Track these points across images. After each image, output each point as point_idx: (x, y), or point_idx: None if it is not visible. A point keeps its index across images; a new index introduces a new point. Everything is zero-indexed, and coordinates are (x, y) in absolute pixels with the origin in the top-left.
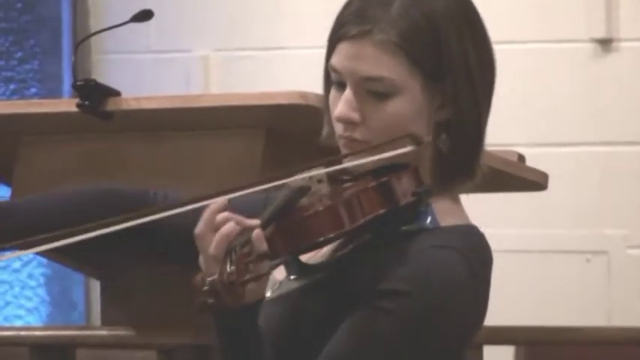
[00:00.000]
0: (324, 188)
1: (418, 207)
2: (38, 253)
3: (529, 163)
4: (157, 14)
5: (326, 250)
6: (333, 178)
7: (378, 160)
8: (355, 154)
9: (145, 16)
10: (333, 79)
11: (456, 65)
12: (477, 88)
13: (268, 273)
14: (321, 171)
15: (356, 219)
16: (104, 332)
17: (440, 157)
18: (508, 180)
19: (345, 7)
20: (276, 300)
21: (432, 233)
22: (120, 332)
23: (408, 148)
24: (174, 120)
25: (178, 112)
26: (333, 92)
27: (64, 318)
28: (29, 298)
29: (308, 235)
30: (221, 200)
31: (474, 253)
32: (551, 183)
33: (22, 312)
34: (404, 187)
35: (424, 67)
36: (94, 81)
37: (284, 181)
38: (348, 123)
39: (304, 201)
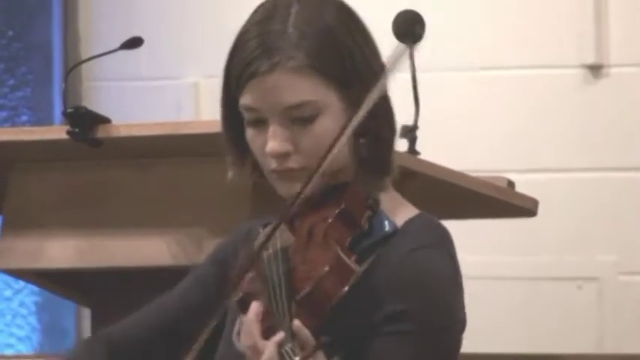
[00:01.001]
0: (289, 236)
1: (372, 218)
2: (30, 281)
3: (519, 189)
4: (147, 41)
5: None
6: (290, 224)
7: (319, 183)
8: (299, 190)
9: (134, 43)
10: (247, 119)
11: (359, 68)
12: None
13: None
14: (278, 230)
15: (350, 264)
16: None
17: (362, 161)
18: (498, 206)
19: (242, 47)
20: None
21: (399, 237)
22: None
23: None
24: (164, 147)
25: (169, 139)
26: (251, 131)
27: (56, 346)
28: (20, 327)
29: (327, 302)
30: (256, 306)
31: (443, 240)
32: (542, 209)
33: (13, 340)
34: (357, 205)
35: (336, 79)
36: (85, 108)
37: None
38: (282, 156)
39: (296, 272)
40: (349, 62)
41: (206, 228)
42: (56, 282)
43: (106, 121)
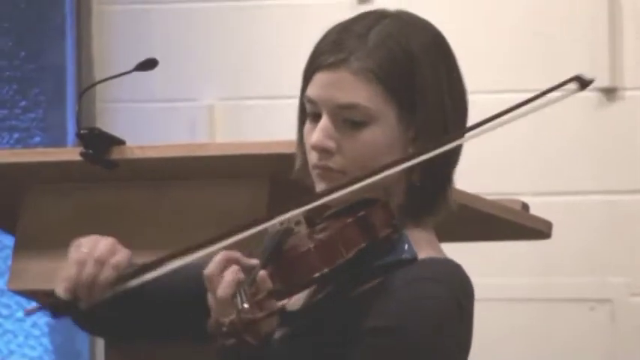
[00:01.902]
0: (303, 229)
1: (393, 239)
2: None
3: (533, 211)
4: (162, 63)
5: (302, 294)
6: (309, 220)
7: (355, 193)
8: (331, 191)
9: (149, 64)
10: (308, 111)
11: (429, 97)
12: (448, 122)
13: (279, 308)
14: (295, 212)
15: (344, 253)
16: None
17: (410, 189)
18: (512, 228)
19: (322, 40)
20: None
21: (413, 265)
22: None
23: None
24: (178, 169)
25: (183, 160)
26: (307, 124)
27: None
28: (33, 348)
29: (304, 273)
30: (236, 253)
31: (457, 286)
32: (555, 231)
33: None
34: (380, 220)
35: (399, 97)
36: (98, 130)
37: (264, 225)
38: (323, 152)
39: (291, 242)
40: (420, 89)
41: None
42: None
43: (120, 142)
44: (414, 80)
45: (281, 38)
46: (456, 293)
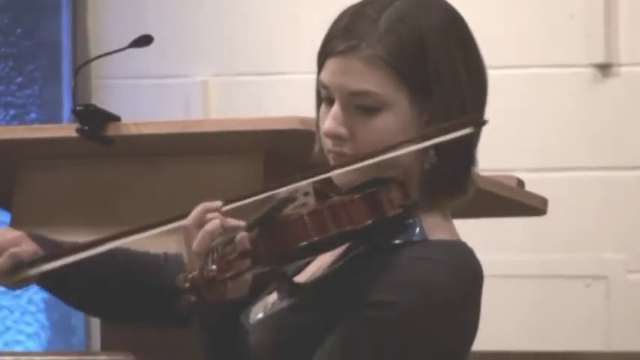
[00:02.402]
0: (311, 201)
1: (406, 220)
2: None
3: (528, 188)
4: (157, 39)
5: (316, 269)
6: (320, 193)
7: (366, 172)
8: (342, 165)
9: (144, 41)
10: (322, 95)
11: (444, 80)
12: (467, 104)
13: (248, 271)
14: (305, 182)
15: (341, 225)
16: (104, 357)
17: (427, 173)
18: (507, 205)
19: (334, 24)
20: (265, 321)
21: (420, 245)
22: (119, 357)
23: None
24: (173, 145)
25: (178, 137)
26: (322, 108)
27: (64, 343)
28: (29, 324)
29: (291, 239)
30: (217, 202)
31: (464, 271)
32: (551, 208)
33: (22, 337)
34: (391, 199)
35: (411, 83)
36: (94, 106)
37: (276, 191)
38: (336, 138)
39: (289, 209)
40: (433, 72)
41: None
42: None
43: (115, 119)
44: (427, 64)
45: (274, 15)
46: (460, 278)
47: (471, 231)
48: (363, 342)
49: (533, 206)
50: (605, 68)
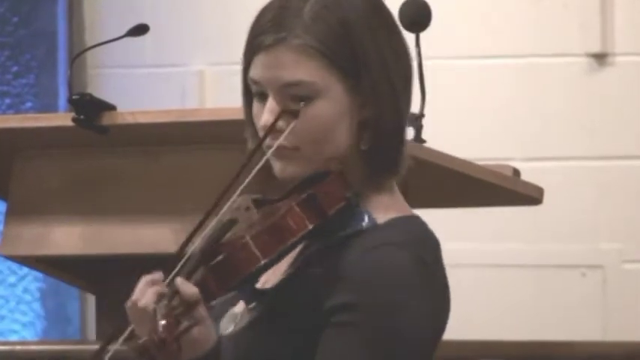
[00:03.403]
0: (254, 215)
1: (351, 210)
2: (34, 267)
3: (524, 177)
4: (153, 29)
5: (278, 272)
6: (259, 202)
7: (306, 165)
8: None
9: (140, 30)
10: (254, 92)
11: (372, 62)
12: (395, 84)
13: (201, 321)
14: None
15: (286, 240)
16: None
17: (364, 154)
18: (503, 194)
19: (257, 20)
20: (233, 336)
21: (371, 232)
22: (114, 346)
23: None
24: (169, 134)
25: (174, 126)
26: (255, 105)
27: (60, 332)
28: (24, 313)
29: (239, 270)
30: (157, 275)
31: (416, 243)
32: (547, 197)
33: (17, 326)
34: (330, 195)
35: (342, 67)
36: (90, 95)
37: (213, 221)
38: (274, 131)
39: (231, 234)
40: (361, 56)
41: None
42: (61, 268)
43: (111, 108)
44: (355, 48)
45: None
46: (417, 253)
47: (467, 220)
48: (341, 349)
49: (529, 196)
50: (600, 58)
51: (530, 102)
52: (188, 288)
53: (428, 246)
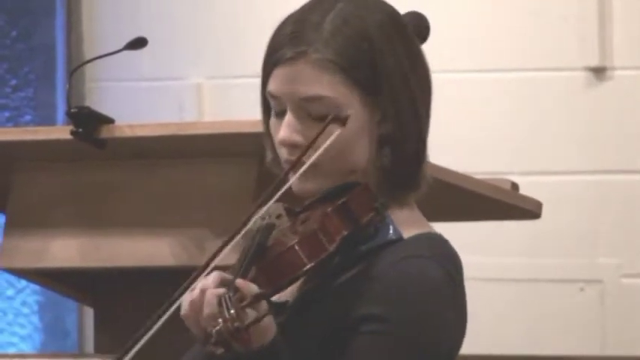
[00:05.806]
0: (285, 222)
1: (377, 223)
2: (32, 280)
3: (523, 191)
4: (151, 42)
5: (293, 285)
6: (290, 211)
7: (326, 180)
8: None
9: (138, 43)
10: (272, 106)
11: (392, 78)
12: (415, 99)
13: (269, 313)
14: (271, 203)
15: (328, 246)
16: None
17: (384, 170)
18: (502, 208)
19: (277, 33)
20: None
21: (398, 245)
22: None
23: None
24: (167, 147)
25: (172, 139)
26: (273, 119)
27: (57, 345)
28: (22, 326)
29: (288, 271)
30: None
31: (445, 258)
32: (545, 211)
33: (15, 339)
34: (361, 204)
35: (362, 83)
36: (88, 108)
37: (247, 227)
38: (291, 146)
39: (273, 238)
40: (381, 71)
41: (209, 228)
42: (59, 281)
43: (109, 121)
44: (375, 63)
45: (269, 16)
46: (445, 266)
47: (465, 234)
48: (372, 358)
49: (527, 210)
50: (599, 72)
51: (529, 116)
52: (250, 287)
53: (452, 262)
